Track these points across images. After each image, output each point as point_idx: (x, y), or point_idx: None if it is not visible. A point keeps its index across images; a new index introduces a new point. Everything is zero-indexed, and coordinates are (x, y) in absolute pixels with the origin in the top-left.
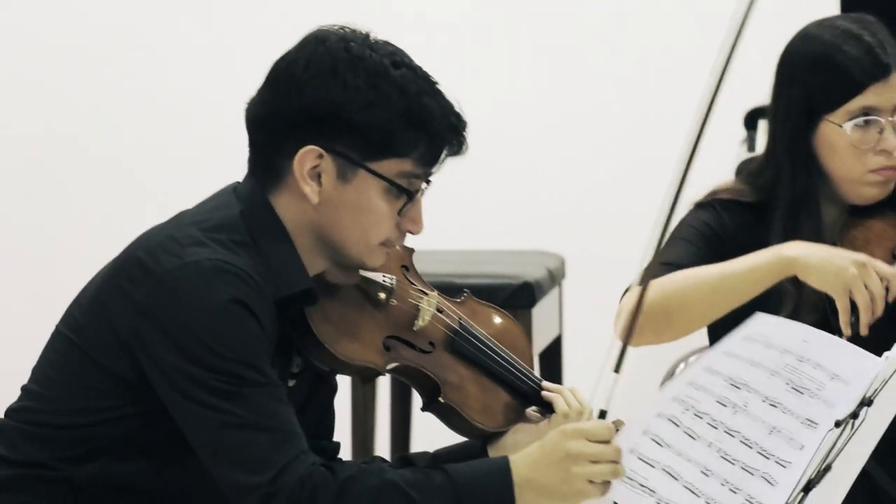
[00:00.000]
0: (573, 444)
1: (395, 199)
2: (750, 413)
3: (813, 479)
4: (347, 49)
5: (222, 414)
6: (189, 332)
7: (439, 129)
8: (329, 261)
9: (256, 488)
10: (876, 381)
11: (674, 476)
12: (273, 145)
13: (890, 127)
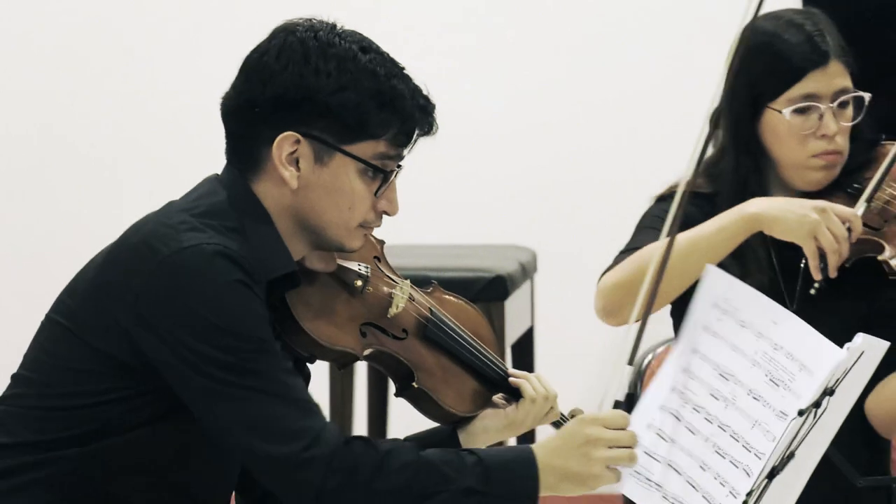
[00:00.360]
0: (592, 430)
1: (371, 180)
2: (738, 407)
3: (777, 467)
4: (316, 38)
5: (244, 389)
6: (198, 314)
7: (410, 110)
8: (309, 245)
9: (289, 458)
10: (838, 371)
11: (677, 470)
12: (250, 134)
13: (829, 112)
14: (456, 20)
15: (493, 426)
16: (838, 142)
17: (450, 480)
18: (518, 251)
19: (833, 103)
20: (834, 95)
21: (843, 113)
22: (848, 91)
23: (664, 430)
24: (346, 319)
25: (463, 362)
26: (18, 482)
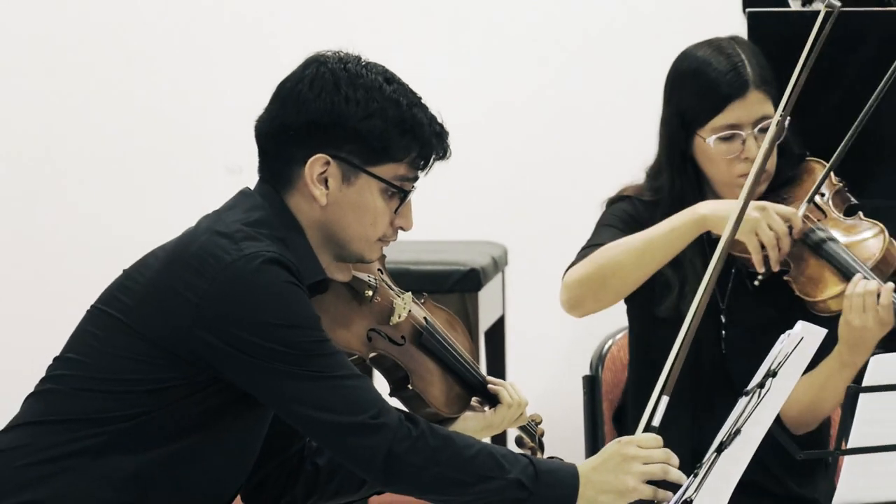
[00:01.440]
0: (629, 450)
1: (391, 199)
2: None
3: (724, 442)
4: (346, 69)
5: (311, 373)
6: (260, 315)
7: (428, 136)
8: (333, 256)
9: (360, 426)
10: (780, 355)
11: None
12: (284, 155)
13: (751, 138)
14: (431, 22)
15: (473, 427)
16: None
17: (505, 470)
18: (491, 246)
19: (754, 129)
20: (755, 123)
21: (765, 136)
22: (768, 117)
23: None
24: (356, 325)
25: (450, 368)
26: (60, 453)
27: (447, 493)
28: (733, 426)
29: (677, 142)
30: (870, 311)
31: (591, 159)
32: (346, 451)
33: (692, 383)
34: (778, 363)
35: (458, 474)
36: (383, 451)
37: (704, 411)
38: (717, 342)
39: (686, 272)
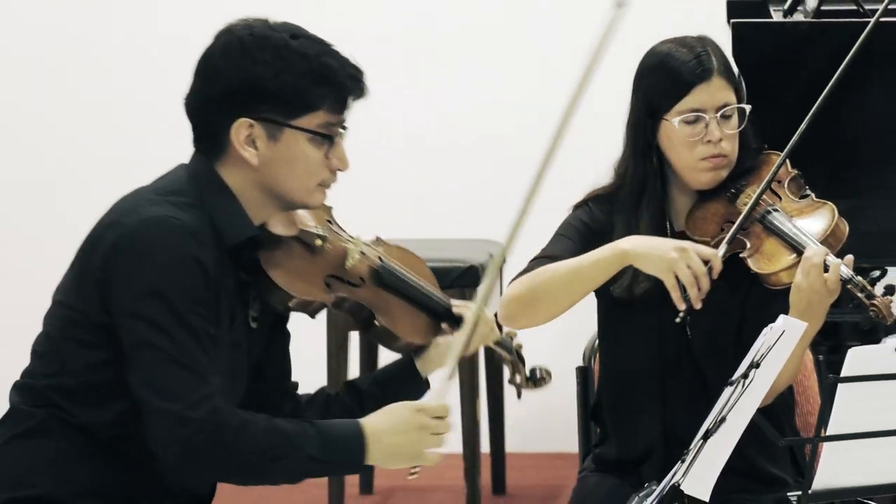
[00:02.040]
0: (421, 418)
1: (320, 145)
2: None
3: (710, 429)
4: (252, 33)
5: (155, 349)
6: (142, 275)
7: (342, 80)
8: (277, 209)
9: (171, 414)
10: (763, 347)
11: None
12: (211, 125)
13: (714, 122)
14: (430, 23)
15: (448, 357)
16: (723, 146)
17: (297, 448)
18: (488, 244)
19: (717, 114)
20: (717, 108)
21: (727, 122)
22: (730, 104)
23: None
24: (312, 274)
25: (412, 300)
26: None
27: (244, 478)
28: (719, 414)
29: (642, 130)
30: (816, 277)
31: (583, 161)
32: (155, 435)
33: (660, 369)
34: (761, 355)
35: (256, 459)
36: (185, 442)
37: (673, 395)
38: (683, 329)
39: (639, 272)
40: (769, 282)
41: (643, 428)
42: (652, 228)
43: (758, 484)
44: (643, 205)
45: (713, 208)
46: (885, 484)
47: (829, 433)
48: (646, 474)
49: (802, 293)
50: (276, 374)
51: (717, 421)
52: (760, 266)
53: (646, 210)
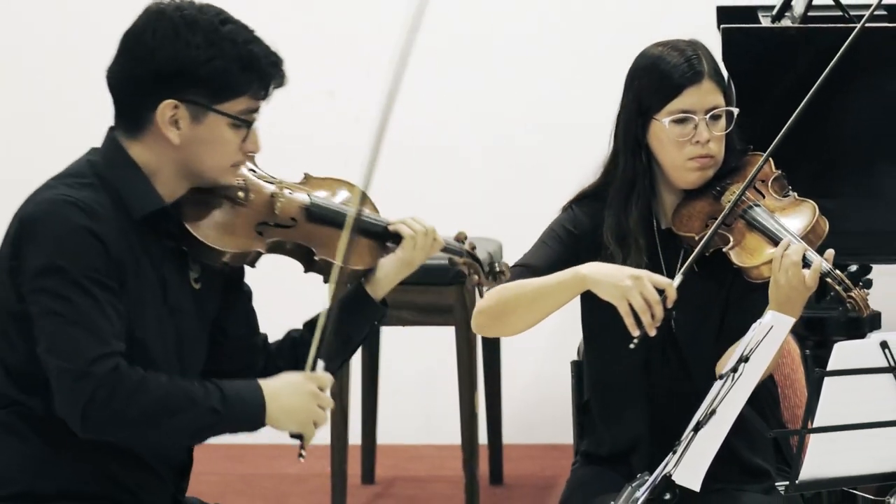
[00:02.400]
0: (311, 387)
1: (238, 130)
2: None
3: (702, 421)
4: (183, 16)
5: (55, 315)
6: (39, 253)
7: (265, 68)
8: (190, 185)
9: (71, 372)
10: (752, 342)
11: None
12: (136, 104)
13: (703, 123)
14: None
15: (391, 270)
16: (711, 147)
17: (197, 401)
18: (487, 242)
19: (706, 115)
20: (707, 110)
21: (715, 124)
22: (719, 106)
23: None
24: (241, 227)
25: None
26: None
27: (145, 431)
28: (709, 407)
29: (633, 128)
30: (795, 271)
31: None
32: (58, 394)
33: (645, 361)
34: (750, 349)
35: (156, 412)
36: (86, 396)
37: (658, 388)
38: (667, 322)
39: (630, 249)
40: (751, 275)
41: (630, 420)
42: (640, 225)
43: (742, 475)
44: (632, 201)
45: (699, 206)
46: (870, 474)
47: (815, 425)
48: (635, 465)
49: (781, 288)
50: (240, 332)
51: (707, 413)
52: (743, 260)
53: (635, 207)
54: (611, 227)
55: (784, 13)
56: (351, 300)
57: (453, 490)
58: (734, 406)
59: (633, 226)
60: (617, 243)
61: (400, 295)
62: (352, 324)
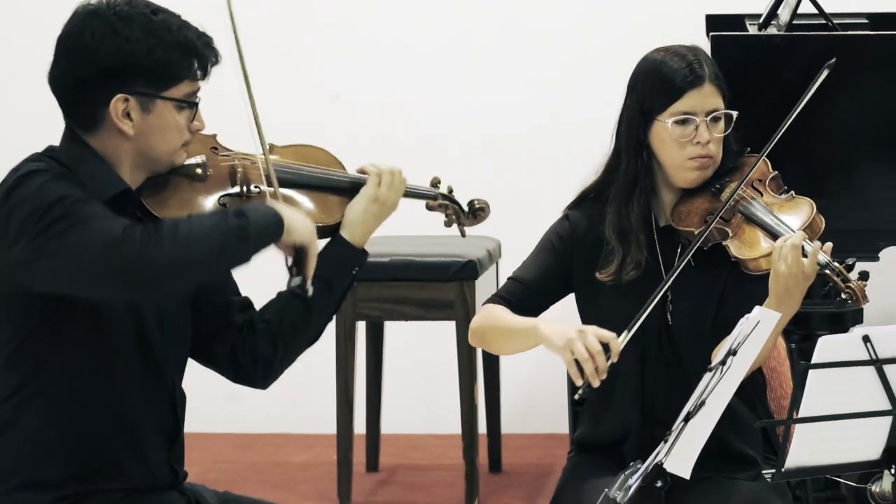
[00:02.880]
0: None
1: (185, 111)
2: None
3: (692, 412)
4: (116, 13)
5: (71, 229)
6: (25, 203)
7: (201, 49)
8: (148, 172)
9: (108, 248)
10: (740, 336)
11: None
12: (86, 102)
13: (704, 125)
14: (432, 20)
15: (360, 208)
16: (710, 148)
17: (220, 216)
18: (487, 241)
19: (707, 118)
20: (707, 112)
21: (715, 126)
22: (719, 109)
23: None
24: (201, 199)
25: (315, 187)
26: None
27: (192, 255)
28: (699, 398)
29: (636, 129)
30: (795, 261)
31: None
32: (106, 280)
33: (641, 352)
34: (738, 343)
35: (195, 236)
36: (135, 248)
37: (652, 376)
38: (663, 314)
39: (630, 244)
40: (749, 267)
41: (623, 409)
42: (640, 222)
43: (731, 463)
44: (634, 199)
45: (697, 203)
46: (852, 462)
47: (800, 415)
48: (626, 453)
49: (781, 278)
50: (220, 301)
51: (697, 405)
52: (742, 252)
53: (636, 204)
54: (612, 224)
55: (770, 21)
56: (332, 248)
57: (454, 478)
58: (723, 397)
59: (635, 222)
60: (618, 239)
61: (402, 291)
62: (333, 270)
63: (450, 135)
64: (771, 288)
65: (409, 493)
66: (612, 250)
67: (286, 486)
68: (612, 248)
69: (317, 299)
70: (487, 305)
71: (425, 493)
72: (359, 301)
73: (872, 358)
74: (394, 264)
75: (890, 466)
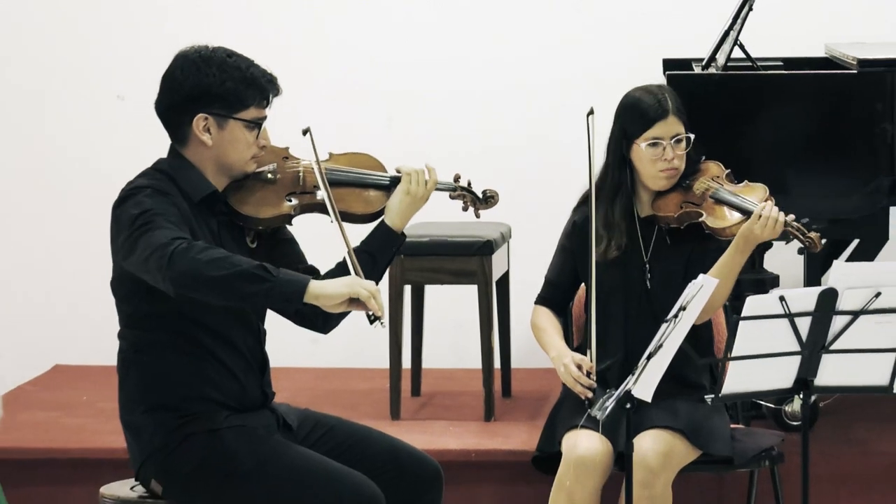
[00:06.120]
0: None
1: (251, 131)
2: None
3: (652, 352)
4: (199, 55)
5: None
6: (125, 215)
7: (263, 84)
8: (228, 177)
9: (156, 251)
10: (688, 296)
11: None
12: (178, 122)
13: (669, 146)
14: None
15: (397, 201)
16: (675, 163)
17: (252, 263)
18: (500, 226)
19: (671, 141)
20: (672, 136)
21: (678, 146)
22: (681, 133)
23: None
24: (272, 197)
25: (357, 184)
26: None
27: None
28: (658, 342)
29: (619, 148)
30: (770, 223)
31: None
32: (152, 272)
33: (625, 309)
34: (687, 301)
35: (220, 264)
36: (167, 256)
37: (633, 328)
38: (643, 280)
39: (614, 232)
40: (723, 234)
41: (611, 350)
42: (623, 216)
43: (683, 389)
44: (617, 200)
45: (671, 196)
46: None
47: (733, 355)
48: (609, 381)
49: (751, 237)
50: (287, 263)
51: (657, 347)
52: (716, 224)
53: (619, 203)
54: (601, 219)
55: (710, 64)
56: (375, 233)
57: (476, 401)
58: (676, 341)
59: (618, 216)
60: (605, 229)
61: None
62: (377, 249)
63: (470, 136)
64: (736, 242)
65: (442, 412)
66: (601, 236)
67: (352, 407)
68: (600, 236)
69: (365, 270)
70: (536, 308)
71: (454, 412)
72: (405, 270)
73: (787, 312)
74: (432, 243)
75: (799, 393)
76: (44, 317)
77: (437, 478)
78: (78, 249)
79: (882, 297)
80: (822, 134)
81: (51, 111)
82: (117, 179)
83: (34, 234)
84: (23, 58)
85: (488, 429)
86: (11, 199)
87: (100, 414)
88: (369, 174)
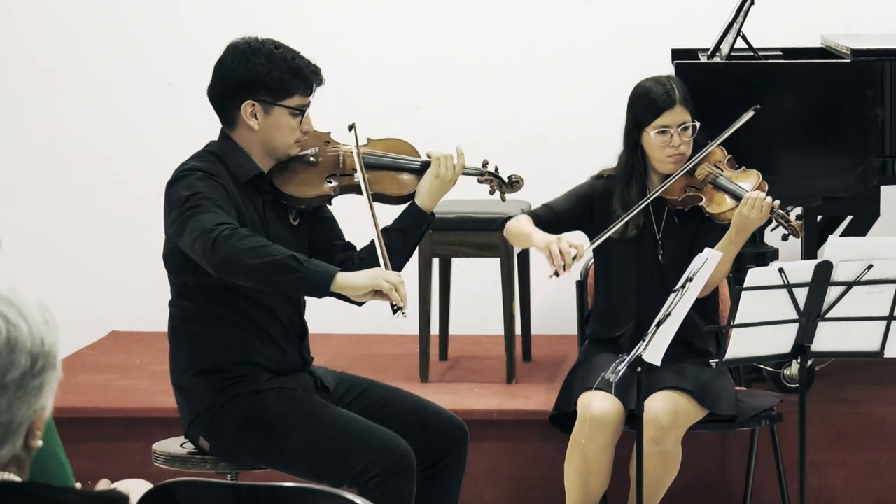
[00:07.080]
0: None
1: (295, 117)
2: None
3: (661, 320)
4: (249, 46)
5: (192, 216)
6: (176, 195)
7: (307, 75)
8: (273, 159)
9: (202, 235)
10: (695, 268)
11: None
12: (228, 106)
13: (677, 134)
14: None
15: (427, 184)
16: (682, 149)
17: (287, 253)
18: (521, 203)
19: (678, 128)
20: (679, 124)
21: (685, 133)
22: (687, 122)
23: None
24: (314, 179)
25: (392, 168)
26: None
27: (251, 265)
28: (667, 311)
29: (632, 136)
30: (757, 208)
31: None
32: (198, 255)
33: (637, 282)
34: (693, 273)
35: (258, 251)
36: (211, 240)
37: (645, 299)
38: (655, 255)
39: (629, 210)
40: (720, 219)
41: (625, 319)
42: (637, 196)
43: (692, 353)
44: (632, 182)
45: (677, 181)
46: (771, 354)
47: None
48: (623, 346)
49: (743, 220)
50: (324, 244)
51: (665, 315)
52: (713, 209)
53: (634, 185)
54: (618, 199)
55: (715, 53)
56: (407, 213)
57: (498, 364)
58: (683, 309)
59: (633, 197)
60: (622, 209)
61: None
62: (408, 227)
63: (501, 126)
64: (733, 224)
65: (468, 374)
66: (618, 216)
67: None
68: (618, 215)
69: (395, 247)
70: (521, 215)
71: (479, 375)
72: (434, 244)
73: (785, 283)
74: (458, 219)
75: (796, 357)
76: (102, 287)
77: (463, 435)
78: (134, 226)
79: (874, 269)
80: (818, 118)
81: (116, 97)
82: (169, 159)
83: (95, 213)
84: (86, 54)
85: (510, 390)
86: (76, 178)
87: (152, 376)
88: (403, 158)
